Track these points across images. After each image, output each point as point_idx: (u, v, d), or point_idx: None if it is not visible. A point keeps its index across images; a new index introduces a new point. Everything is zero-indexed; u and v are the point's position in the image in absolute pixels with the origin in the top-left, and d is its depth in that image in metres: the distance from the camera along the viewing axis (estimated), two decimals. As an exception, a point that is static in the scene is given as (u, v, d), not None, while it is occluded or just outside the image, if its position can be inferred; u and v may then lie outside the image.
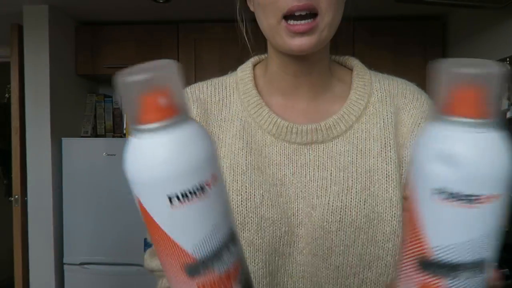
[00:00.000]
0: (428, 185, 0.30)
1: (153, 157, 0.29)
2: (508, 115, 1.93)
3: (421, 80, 2.45)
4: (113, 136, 2.70)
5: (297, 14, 0.53)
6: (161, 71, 0.29)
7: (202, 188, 0.30)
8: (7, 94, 3.36)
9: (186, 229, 0.31)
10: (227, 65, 0.75)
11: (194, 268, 0.32)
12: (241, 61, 0.69)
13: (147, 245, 2.57)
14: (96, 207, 2.37)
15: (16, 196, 2.32)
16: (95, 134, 2.72)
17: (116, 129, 2.73)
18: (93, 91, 2.81)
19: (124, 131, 2.64)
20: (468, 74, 0.28)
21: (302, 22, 0.53)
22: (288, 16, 0.53)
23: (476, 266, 0.30)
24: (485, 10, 2.01)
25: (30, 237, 2.34)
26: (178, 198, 0.30)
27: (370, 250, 0.57)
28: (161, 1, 2.27)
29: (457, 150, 0.28)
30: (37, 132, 2.32)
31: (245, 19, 0.65)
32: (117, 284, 2.37)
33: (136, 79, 0.28)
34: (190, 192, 0.30)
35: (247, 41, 0.65)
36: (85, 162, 2.37)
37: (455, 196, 0.28)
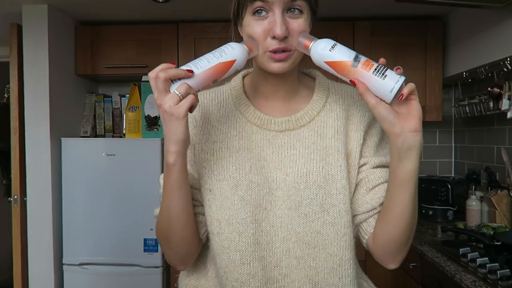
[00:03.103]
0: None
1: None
2: (509, 115, 1.93)
3: (421, 79, 2.46)
4: (113, 136, 2.69)
5: (276, 52, 0.77)
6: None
7: None
8: (6, 94, 3.35)
9: None
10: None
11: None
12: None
13: (147, 245, 2.56)
14: (95, 207, 2.36)
15: (16, 196, 2.32)
16: (95, 134, 2.72)
17: (115, 129, 2.73)
18: (92, 91, 2.81)
19: (124, 131, 2.63)
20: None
21: (281, 53, 0.77)
22: (270, 51, 0.77)
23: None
24: (485, 10, 2.01)
25: (30, 238, 2.34)
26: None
27: (327, 200, 0.80)
28: (161, 1, 2.26)
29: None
30: (37, 132, 2.32)
31: (237, 40, 0.85)
32: (116, 285, 2.36)
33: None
34: None
35: None
36: (85, 162, 2.37)
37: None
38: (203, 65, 0.72)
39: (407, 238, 0.81)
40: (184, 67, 0.71)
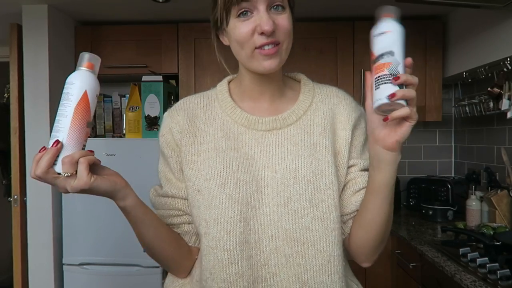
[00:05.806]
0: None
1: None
2: (509, 115, 1.93)
3: (421, 79, 2.46)
4: (113, 136, 2.69)
5: (265, 47, 0.78)
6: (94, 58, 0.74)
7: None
8: (6, 94, 3.35)
9: None
10: (226, 65, 0.85)
11: None
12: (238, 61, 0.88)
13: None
14: (95, 207, 2.36)
15: (16, 197, 2.32)
16: (95, 134, 2.72)
17: (115, 129, 2.73)
18: (92, 91, 2.81)
19: (124, 131, 2.63)
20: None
21: (270, 47, 0.78)
22: (258, 47, 0.78)
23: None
24: (485, 10, 2.01)
25: (30, 238, 2.34)
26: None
27: (316, 196, 0.80)
28: (161, 1, 2.26)
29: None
30: (36, 132, 2.32)
31: (220, 50, 0.91)
32: (116, 285, 2.36)
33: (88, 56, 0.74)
34: None
35: (223, 63, 0.91)
36: (85, 162, 2.36)
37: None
38: (64, 123, 0.70)
39: (379, 243, 0.85)
40: (50, 141, 0.70)
